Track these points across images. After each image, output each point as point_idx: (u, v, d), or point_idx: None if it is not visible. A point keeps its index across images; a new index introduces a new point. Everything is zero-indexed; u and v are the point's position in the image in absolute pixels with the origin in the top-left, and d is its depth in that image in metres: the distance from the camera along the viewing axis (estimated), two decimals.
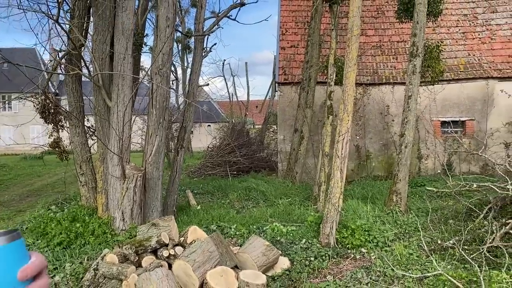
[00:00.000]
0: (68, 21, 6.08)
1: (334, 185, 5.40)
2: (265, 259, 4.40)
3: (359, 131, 11.86)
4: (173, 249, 4.16)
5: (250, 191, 9.35)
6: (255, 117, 35.19)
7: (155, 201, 6.19)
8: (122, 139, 5.56)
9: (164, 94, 6.18)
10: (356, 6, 5.19)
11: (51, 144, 6.87)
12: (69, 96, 6.77)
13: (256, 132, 19.88)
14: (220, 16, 7.20)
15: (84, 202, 6.88)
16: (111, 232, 5.57)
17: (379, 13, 13.06)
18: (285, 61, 12.44)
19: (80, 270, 4.36)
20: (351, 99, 5.35)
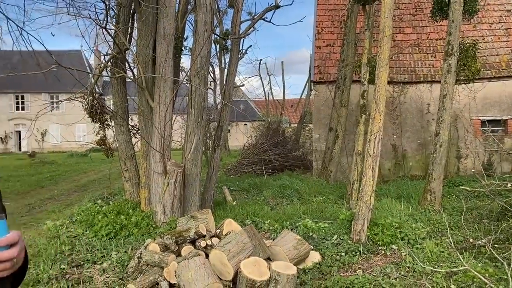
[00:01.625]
0: (114, 27, 6.50)
1: (365, 183, 5.52)
2: (297, 252, 4.60)
3: (396, 130, 11.78)
4: (210, 240, 4.44)
5: (284, 189, 9.55)
6: (291, 115, 35.29)
7: (193, 196, 6.52)
8: (163, 137, 5.92)
9: (202, 95, 6.49)
10: (388, 7, 5.28)
11: (98, 142, 7.36)
12: (114, 97, 7.23)
13: (291, 131, 20.02)
14: (256, 19, 7.44)
15: (128, 196, 7.32)
16: (153, 225, 5.94)
17: (417, 10, 12.89)
18: (321, 60, 12.54)
19: (125, 258, 4.74)
20: (383, 99, 5.44)
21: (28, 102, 36.97)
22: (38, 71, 10.13)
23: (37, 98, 35.39)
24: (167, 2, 5.90)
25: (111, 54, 6.82)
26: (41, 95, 36.20)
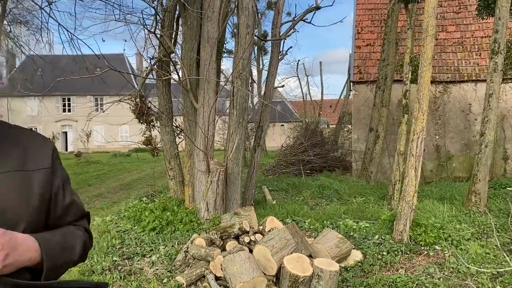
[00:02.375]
0: (160, 31, 6.78)
1: (408, 184, 5.49)
2: (338, 250, 4.67)
3: (439, 130, 11.52)
4: (253, 236, 4.59)
5: (323, 189, 9.56)
6: (329, 116, 35.03)
7: (235, 194, 6.70)
8: (207, 137, 6.13)
9: (243, 96, 6.66)
10: (431, 6, 5.24)
11: (144, 142, 7.69)
12: (159, 99, 7.53)
13: (330, 132, 19.91)
14: (296, 20, 7.53)
15: (172, 194, 7.61)
16: (197, 221, 6.16)
17: (461, 7, 12.54)
18: (361, 59, 12.44)
19: (173, 252, 4.96)
20: (426, 98, 5.40)
21: (74, 104, 38.73)
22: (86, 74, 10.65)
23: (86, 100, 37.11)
24: (211, 6, 6.11)
25: (157, 58, 7.12)
26: (86, 98, 37.83)
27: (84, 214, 1.27)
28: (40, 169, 1.12)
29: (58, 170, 1.18)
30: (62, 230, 1.16)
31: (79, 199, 1.25)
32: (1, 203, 1.02)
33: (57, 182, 1.16)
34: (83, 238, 1.20)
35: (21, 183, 1.07)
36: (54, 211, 1.16)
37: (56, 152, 1.20)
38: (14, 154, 1.10)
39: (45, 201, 1.12)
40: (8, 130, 1.15)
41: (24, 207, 1.05)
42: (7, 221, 1.01)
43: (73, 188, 1.26)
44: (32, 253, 1.00)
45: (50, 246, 1.05)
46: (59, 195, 1.16)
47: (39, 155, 1.14)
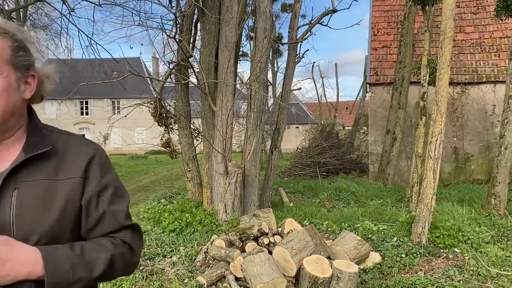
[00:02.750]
0: (179, 36, 6.90)
1: (426, 186, 5.48)
2: (357, 252, 4.69)
3: (457, 132, 11.41)
4: (273, 237, 4.64)
5: (340, 191, 9.57)
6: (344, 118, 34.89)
7: (252, 196, 6.77)
8: (225, 140, 6.22)
9: (261, 99, 6.73)
10: (449, 8, 5.23)
11: (163, 145, 7.82)
12: (178, 102, 7.65)
13: (345, 134, 19.85)
14: (313, 23, 7.58)
15: (190, 195, 7.72)
16: (215, 222, 6.25)
17: (479, 8, 12.41)
18: (377, 61, 12.41)
19: (193, 253, 5.05)
20: (444, 101, 5.39)
21: (91, 107, 39.42)
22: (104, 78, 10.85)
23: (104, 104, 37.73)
24: (229, 11, 6.20)
25: (175, 62, 7.24)
26: (104, 101, 38.49)
27: (123, 226, 1.18)
28: (69, 179, 1.11)
29: (94, 179, 1.15)
30: (89, 242, 1.13)
31: (120, 210, 1.18)
32: (18, 213, 1.03)
33: (89, 192, 1.13)
34: (113, 252, 1.12)
35: (45, 193, 1.07)
36: (86, 222, 1.14)
37: (97, 159, 1.17)
38: (51, 162, 1.11)
39: (69, 213, 1.10)
40: (56, 136, 1.17)
41: (41, 218, 1.05)
42: (20, 231, 1.03)
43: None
44: (30, 266, 0.98)
45: (56, 260, 1.01)
46: (91, 205, 1.14)
47: (73, 164, 1.13)
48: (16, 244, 0.99)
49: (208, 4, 6.34)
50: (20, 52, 1.09)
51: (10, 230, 1.02)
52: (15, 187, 1.05)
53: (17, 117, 1.12)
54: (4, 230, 1.02)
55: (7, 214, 1.03)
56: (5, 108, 1.06)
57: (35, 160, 1.09)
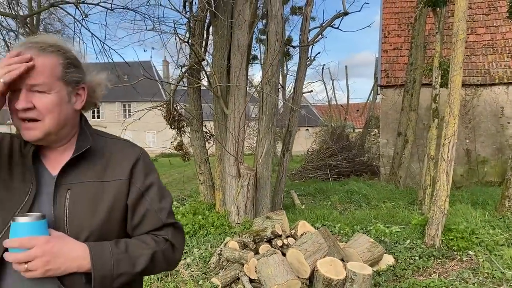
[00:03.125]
0: (191, 40, 6.98)
1: (440, 188, 5.47)
2: (370, 254, 4.70)
3: (469, 134, 11.34)
4: (286, 239, 4.67)
5: (352, 194, 9.55)
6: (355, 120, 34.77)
7: (264, 198, 6.80)
8: (237, 142, 6.27)
9: (273, 101, 6.78)
10: (462, 10, 5.23)
11: (175, 147, 7.89)
12: (190, 105, 7.73)
13: (356, 136, 19.79)
14: (324, 26, 7.60)
15: (202, 198, 7.78)
16: (228, 225, 6.29)
17: (491, 9, 12.33)
18: (388, 63, 12.39)
19: (207, 255, 5.10)
20: (457, 103, 5.38)
21: (102, 110, 39.79)
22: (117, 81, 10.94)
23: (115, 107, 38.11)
24: (241, 15, 6.27)
25: (188, 65, 7.32)
26: (115, 104, 38.85)
27: (165, 224, 1.25)
28: (116, 180, 1.20)
29: (138, 180, 1.23)
30: (133, 239, 1.21)
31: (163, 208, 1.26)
32: (71, 212, 1.13)
33: (134, 193, 1.22)
34: (155, 249, 1.19)
35: (94, 193, 1.17)
36: (131, 220, 1.23)
37: (141, 162, 1.26)
38: (99, 164, 1.21)
39: (116, 212, 1.19)
40: (105, 141, 1.28)
41: (90, 216, 1.14)
42: (72, 228, 1.13)
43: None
44: (79, 261, 1.07)
45: (102, 255, 1.10)
46: (136, 205, 1.22)
47: (119, 166, 1.23)
48: (69, 240, 1.09)
49: (221, 8, 6.41)
50: (71, 69, 1.19)
51: (64, 227, 1.12)
52: (68, 188, 1.15)
53: (70, 127, 1.22)
54: (59, 226, 1.12)
55: (62, 212, 1.13)
56: (58, 121, 1.16)
57: (86, 163, 1.20)
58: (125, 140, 1.34)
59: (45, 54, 1.14)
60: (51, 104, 1.14)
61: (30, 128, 1.13)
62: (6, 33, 11.39)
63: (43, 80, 1.12)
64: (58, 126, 1.17)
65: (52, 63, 1.15)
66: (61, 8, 11.37)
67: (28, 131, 1.14)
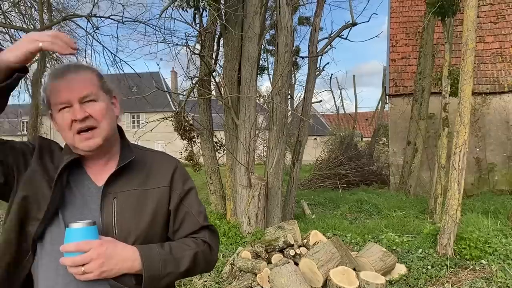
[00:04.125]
0: (202, 51, 7.09)
1: (451, 197, 5.46)
2: (382, 264, 4.70)
3: (479, 142, 11.29)
4: (298, 249, 4.70)
5: (362, 203, 9.54)
6: (363, 129, 34.69)
7: (275, 208, 6.84)
8: (248, 152, 6.33)
9: (283, 112, 6.85)
10: (471, 20, 5.28)
11: (186, 157, 7.97)
12: (200, 116, 7.83)
13: (364, 145, 19.75)
14: (333, 37, 7.69)
15: (213, 208, 7.83)
16: (239, 234, 6.33)
17: (499, 17, 12.34)
18: (396, 72, 12.43)
19: (219, 264, 5.13)
20: (468, 112, 5.40)
21: None
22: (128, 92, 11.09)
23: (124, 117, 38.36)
24: (252, 28, 6.37)
25: (198, 77, 7.43)
26: (124, 115, 39.09)
27: (202, 226, 1.35)
28: (158, 188, 1.30)
29: (178, 187, 1.34)
30: (175, 242, 1.30)
31: (198, 211, 1.36)
32: (118, 217, 1.22)
33: (174, 199, 1.32)
34: (196, 250, 1.28)
35: (138, 200, 1.26)
36: (173, 224, 1.32)
37: (178, 170, 1.37)
38: (141, 174, 1.31)
39: (159, 217, 1.28)
40: (143, 153, 1.37)
41: (136, 221, 1.23)
42: (121, 233, 1.21)
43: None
44: (130, 262, 1.15)
45: (151, 257, 1.18)
46: (177, 210, 1.32)
47: (160, 175, 1.33)
48: (119, 244, 1.18)
49: (231, 20, 6.52)
50: (103, 79, 1.31)
51: (113, 232, 1.21)
52: (115, 197, 1.24)
53: (115, 133, 1.33)
54: (109, 232, 1.20)
55: (110, 219, 1.22)
56: (111, 125, 1.28)
57: (128, 173, 1.29)
58: (161, 152, 1.44)
59: (83, 70, 1.27)
60: (104, 109, 1.25)
61: (90, 137, 1.22)
62: None
63: (91, 90, 1.24)
64: (111, 130, 1.28)
65: (91, 75, 1.27)
66: (73, 21, 11.60)
67: (88, 141, 1.22)
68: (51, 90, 1.24)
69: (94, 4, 9.44)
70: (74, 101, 1.21)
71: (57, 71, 1.27)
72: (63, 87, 1.22)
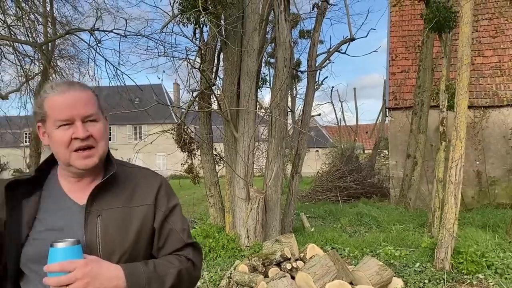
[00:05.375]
0: (202, 65, 7.19)
1: (448, 211, 5.49)
2: (379, 278, 4.71)
3: (479, 156, 11.31)
4: (295, 262, 4.72)
5: (361, 216, 9.54)
6: (364, 142, 34.72)
7: (274, 221, 6.86)
8: (247, 165, 6.38)
9: (281, 125, 6.91)
10: (466, 36, 5.36)
11: (186, 170, 8.02)
12: (200, 128, 7.90)
13: (365, 158, 19.78)
14: (331, 51, 7.78)
15: (212, 220, 7.85)
16: (237, 248, 6.34)
17: (498, 32, 12.46)
18: (396, 86, 12.52)
19: (216, 278, 5.15)
20: (464, 126, 5.46)
21: (114, 133, 40.28)
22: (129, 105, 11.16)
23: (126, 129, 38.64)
24: (251, 44, 6.47)
25: (199, 90, 7.52)
26: (126, 127, 39.36)
27: (186, 244, 1.36)
28: (143, 205, 1.31)
29: (162, 205, 1.35)
30: (159, 260, 1.31)
31: (182, 229, 1.37)
32: (103, 236, 1.23)
33: (159, 216, 1.33)
34: (180, 268, 1.29)
35: (123, 218, 1.27)
36: (157, 242, 1.33)
37: (163, 188, 1.38)
38: (126, 191, 1.32)
39: (144, 234, 1.30)
40: (128, 170, 1.39)
41: (121, 239, 1.24)
42: (105, 251, 1.22)
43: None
44: (115, 281, 1.15)
45: (136, 275, 1.19)
46: (161, 228, 1.33)
47: (145, 193, 1.34)
48: (103, 263, 1.18)
49: (231, 36, 6.63)
50: (98, 99, 1.34)
51: (97, 250, 1.22)
52: (99, 214, 1.25)
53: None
54: (93, 250, 1.21)
55: (94, 237, 1.23)
56: (106, 146, 1.31)
57: (113, 191, 1.30)
58: (145, 168, 1.45)
59: (86, 88, 1.31)
60: (102, 130, 1.29)
61: (89, 155, 1.25)
62: (22, 58, 11.81)
63: (94, 110, 1.27)
64: (105, 150, 1.31)
65: (92, 96, 1.30)
66: (76, 35, 11.76)
67: (86, 159, 1.24)
68: (53, 105, 1.24)
69: (97, 18, 9.61)
70: (77, 119, 1.23)
71: (60, 87, 1.27)
72: (68, 103, 1.23)
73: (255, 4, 6.74)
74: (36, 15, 12.18)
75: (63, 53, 15.34)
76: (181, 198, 16.97)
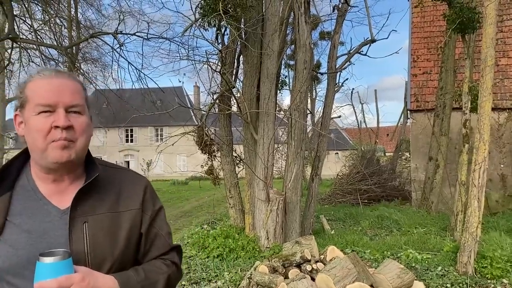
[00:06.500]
0: (222, 68, 7.27)
1: (471, 214, 5.40)
2: (400, 281, 4.67)
3: (503, 159, 11.05)
4: (315, 264, 4.73)
5: (382, 219, 9.44)
6: (385, 144, 34.32)
7: (294, 223, 6.87)
8: (267, 167, 6.42)
9: (301, 127, 6.92)
10: (490, 37, 5.28)
11: (206, 172, 8.11)
12: (221, 130, 7.99)
13: (386, 160, 19.55)
14: (352, 53, 7.76)
15: (232, 222, 7.92)
16: (257, 249, 6.38)
17: None
18: (417, 88, 12.36)
19: (237, 278, 5.20)
20: (487, 128, 5.37)
21: (136, 134, 40.95)
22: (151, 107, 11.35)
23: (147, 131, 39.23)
24: (270, 46, 6.52)
25: (219, 92, 7.60)
26: (148, 129, 39.94)
27: (171, 247, 1.34)
28: (130, 210, 1.25)
29: (149, 209, 1.30)
30: (147, 266, 1.27)
31: (167, 232, 1.34)
32: (91, 244, 1.14)
33: (146, 221, 1.28)
34: (168, 273, 1.28)
35: (111, 224, 1.19)
36: (143, 247, 1.29)
37: (148, 190, 1.32)
38: (111, 195, 1.24)
39: (132, 240, 1.25)
40: (108, 171, 1.28)
41: (111, 247, 1.17)
42: (95, 261, 1.14)
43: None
44: None
45: (130, 285, 1.15)
46: (147, 233, 1.29)
47: (131, 197, 1.27)
48: (98, 275, 1.11)
49: (251, 39, 6.69)
50: (87, 95, 1.24)
51: (85, 260, 1.13)
52: (85, 221, 1.15)
53: (85, 153, 1.24)
54: (80, 260, 1.11)
55: (82, 246, 1.13)
56: (86, 144, 1.19)
57: (97, 194, 1.21)
58: (127, 169, 1.37)
59: (75, 80, 1.19)
60: (85, 125, 1.17)
61: (66, 146, 1.11)
62: (48, 62, 12.15)
63: (80, 102, 1.16)
64: (85, 148, 1.19)
65: (81, 88, 1.20)
66: (100, 38, 12.04)
67: (62, 150, 1.11)
68: (35, 88, 1.12)
69: (120, 21, 9.83)
70: (60, 106, 1.11)
71: (48, 72, 1.16)
72: (52, 88, 1.11)
73: (275, 7, 6.78)
74: (61, 19, 12.52)
75: (87, 56, 15.71)
76: (201, 199, 17.14)
